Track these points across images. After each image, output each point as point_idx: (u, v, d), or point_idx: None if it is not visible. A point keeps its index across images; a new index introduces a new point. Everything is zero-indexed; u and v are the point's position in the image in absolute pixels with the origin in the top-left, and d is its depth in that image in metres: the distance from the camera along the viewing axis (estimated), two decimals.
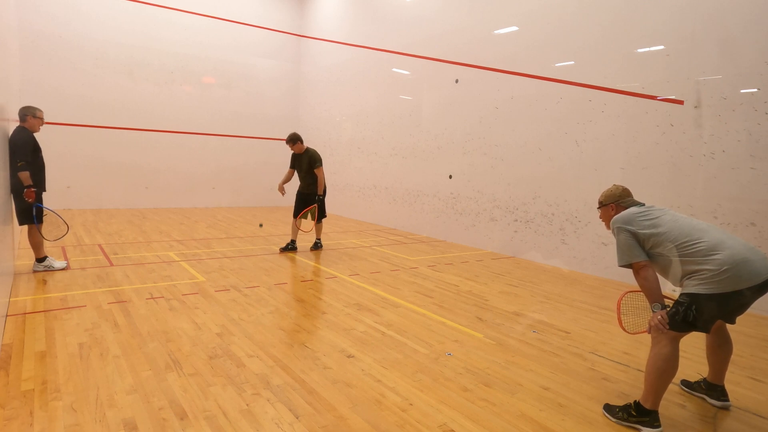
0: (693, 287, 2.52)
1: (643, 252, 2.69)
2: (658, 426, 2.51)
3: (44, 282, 4.85)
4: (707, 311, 2.48)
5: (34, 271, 5.20)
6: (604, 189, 3.33)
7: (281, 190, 7.15)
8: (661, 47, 5.54)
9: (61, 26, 10.43)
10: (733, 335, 4.06)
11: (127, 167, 11.46)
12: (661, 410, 2.72)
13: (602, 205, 3.14)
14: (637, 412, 2.54)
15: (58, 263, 5.36)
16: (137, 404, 2.54)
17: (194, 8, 12.02)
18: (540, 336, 3.88)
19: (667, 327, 2.54)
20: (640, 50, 5.74)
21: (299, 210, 7.05)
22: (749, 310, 4.70)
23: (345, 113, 11.82)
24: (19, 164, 4.76)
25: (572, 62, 6.51)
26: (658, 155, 5.57)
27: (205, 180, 12.60)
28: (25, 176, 4.80)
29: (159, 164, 11.94)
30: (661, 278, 2.82)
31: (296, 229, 7.12)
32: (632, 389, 2.99)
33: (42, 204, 5.11)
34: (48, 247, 6.14)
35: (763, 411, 2.80)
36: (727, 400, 2.83)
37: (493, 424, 2.51)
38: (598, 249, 6.23)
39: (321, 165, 6.96)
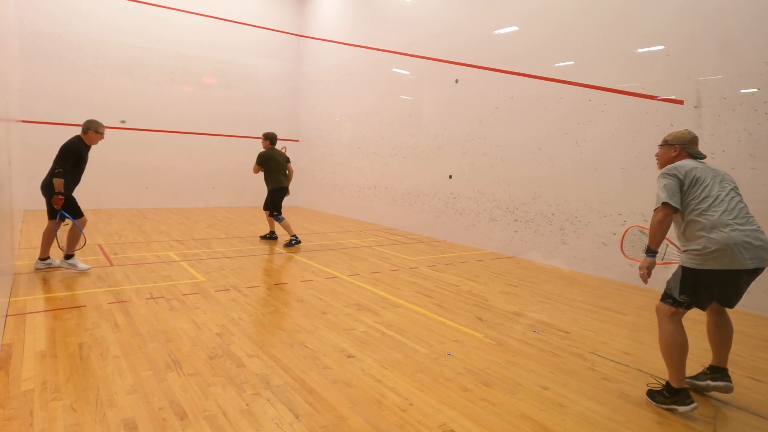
0: (687, 261, 2.71)
1: (679, 201, 2.75)
2: (691, 402, 2.62)
3: (44, 282, 4.85)
4: (699, 286, 2.66)
5: (36, 269, 5.28)
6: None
7: None
8: (661, 47, 5.54)
9: (61, 26, 10.44)
10: (733, 335, 4.07)
11: (127, 167, 11.46)
12: (660, 410, 2.73)
13: (667, 144, 3.04)
14: (669, 393, 2.66)
15: (57, 262, 5.37)
16: (137, 404, 2.54)
17: (194, 8, 12.02)
18: (540, 336, 3.88)
19: (646, 280, 2.77)
20: (640, 50, 5.74)
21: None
22: (750, 310, 4.69)
23: (345, 113, 11.82)
24: (57, 170, 4.92)
25: (572, 62, 6.51)
26: None
27: (205, 180, 12.60)
28: (58, 183, 4.91)
29: (159, 164, 11.94)
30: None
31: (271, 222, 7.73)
32: (632, 389, 2.99)
33: (66, 212, 5.14)
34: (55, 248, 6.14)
35: (763, 411, 2.79)
36: (730, 382, 2.85)
37: (493, 424, 2.51)
38: (598, 249, 6.23)
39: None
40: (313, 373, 3.01)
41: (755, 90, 4.80)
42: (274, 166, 7.47)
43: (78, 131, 5.59)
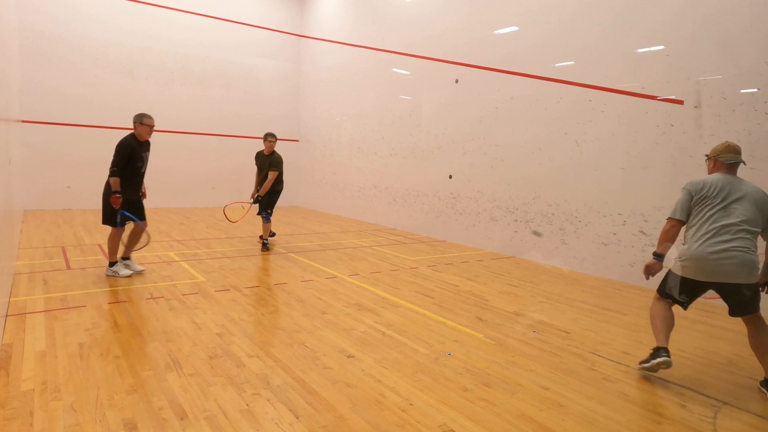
0: (672, 265, 3.24)
1: (685, 215, 3.19)
2: (666, 355, 3.05)
3: (44, 282, 4.85)
4: (675, 287, 3.20)
5: (107, 275, 5.17)
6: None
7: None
8: (661, 47, 5.54)
9: (61, 26, 10.44)
10: (733, 335, 4.08)
11: None
12: (660, 410, 2.74)
13: (707, 157, 3.38)
14: (653, 351, 3.15)
15: (125, 271, 5.22)
16: (137, 404, 2.54)
17: (194, 8, 12.02)
18: (540, 336, 3.88)
19: (647, 277, 3.29)
20: (640, 50, 5.74)
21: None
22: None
23: (345, 113, 11.82)
24: (110, 170, 4.90)
25: (572, 62, 6.51)
26: (658, 155, 5.57)
27: (205, 180, 12.60)
28: (114, 182, 4.87)
29: (159, 164, 11.87)
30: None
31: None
32: (632, 389, 2.99)
33: (127, 212, 5.11)
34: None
35: (763, 411, 2.79)
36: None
37: (493, 424, 2.51)
38: (598, 249, 6.23)
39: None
40: (313, 373, 3.01)
41: (755, 90, 4.80)
42: (282, 168, 7.39)
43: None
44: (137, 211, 5.23)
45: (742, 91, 4.89)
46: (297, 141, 14.02)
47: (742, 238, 2.93)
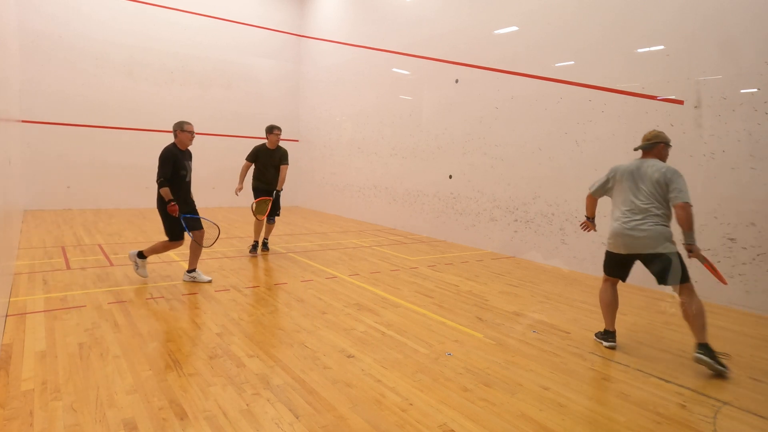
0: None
1: (600, 192, 3.97)
2: (612, 341, 3.71)
3: (44, 282, 4.85)
4: (608, 263, 3.83)
5: (184, 281, 5.12)
6: None
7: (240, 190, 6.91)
8: (661, 47, 5.54)
9: (61, 26, 10.44)
10: (732, 335, 4.09)
11: (127, 167, 11.46)
12: (660, 410, 2.74)
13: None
14: (604, 333, 3.78)
15: (204, 276, 5.18)
16: (137, 404, 2.54)
17: (194, 8, 12.02)
18: (540, 336, 3.88)
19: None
20: (640, 50, 5.74)
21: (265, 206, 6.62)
22: (750, 310, 4.69)
23: (345, 113, 11.82)
24: (157, 181, 4.78)
25: (572, 62, 6.51)
26: None
27: (205, 180, 12.58)
28: (165, 192, 4.76)
29: None
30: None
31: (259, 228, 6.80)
32: (632, 389, 2.99)
33: (187, 214, 5.06)
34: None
35: (763, 411, 2.79)
36: (723, 367, 3.26)
37: (493, 424, 2.51)
38: (598, 249, 6.22)
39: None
40: (313, 373, 3.01)
41: (755, 90, 4.80)
42: None
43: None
44: (191, 222, 5.10)
45: (742, 91, 4.89)
46: (297, 141, 14.02)
47: (652, 214, 3.49)
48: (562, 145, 6.63)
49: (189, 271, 5.15)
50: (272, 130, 6.72)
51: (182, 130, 5.01)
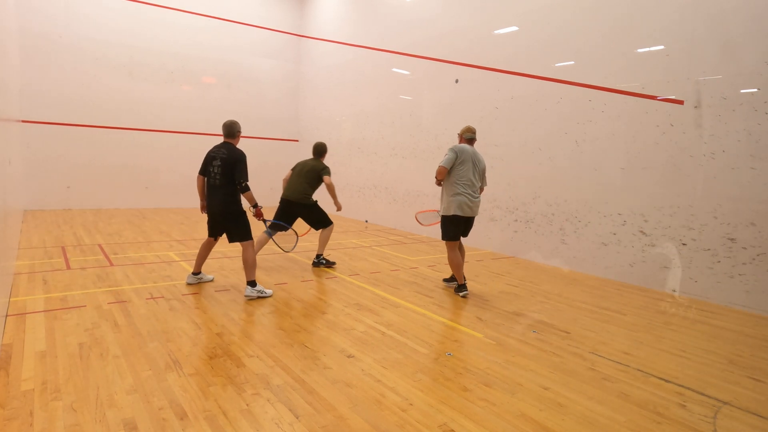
0: (442, 211, 5.00)
1: (451, 166, 4.86)
2: (466, 290, 4.98)
3: (44, 282, 4.85)
4: (451, 227, 4.94)
5: (247, 296, 4.59)
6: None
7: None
8: (661, 47, 5.54)
9: (60, 27, 10.43)
10: (732, 335, 4.10)
11: (127, 167, 11.46)
12: (660, 410, 2.74)
13: (459, 135, 5.19)
14: (460, 287, 5.00)
15: (268, 290, 4.78)
16: (137, 404, 2.54)
17: (194, 8, 12.02)
18: (540, 336, 3.88)
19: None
20: (640, 50, 5.74)
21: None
22: (750, 310, 4.73)
23: (345, 113, 11.82)
24: (243, 184, 4.57)
25: (572, 62, 6.51)
26: (658, 155, 5.57)
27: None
28: (250, 196, 4.62)
29: (159, 164, 11.94)
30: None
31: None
32: (632, 389, 2.99)
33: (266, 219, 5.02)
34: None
35: (763, 411, 2.80)
36: (466, 290, 5.01)
37: (493, 424, 2.51)
38: (598, 249, 6.23)
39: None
40: (313, 373, 3.01)
41: (755, 90, 4.80)
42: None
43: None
44: (276, 227, 5.39)
45: (742, 91, 4.89)
46: (297, 141, 14.02)
47: (477, 189, 4.95)
48: (562, 145, 6.63)
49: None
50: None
51: (240, 132, 4.88)
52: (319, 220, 6.07)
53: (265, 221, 4.99)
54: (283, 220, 5.87)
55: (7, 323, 3.65)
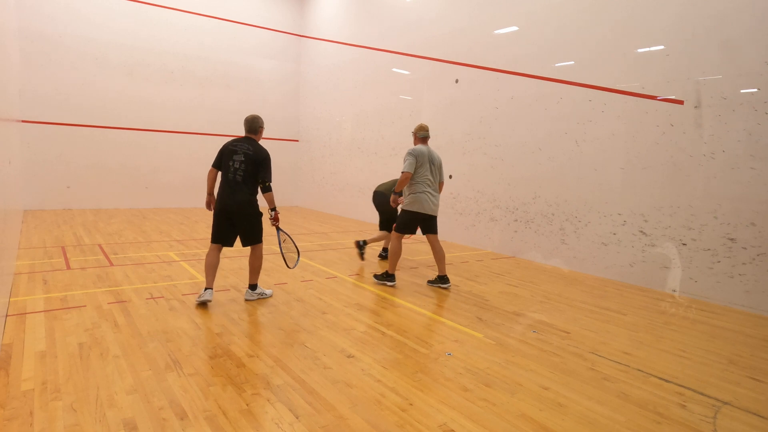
0: (406, 205, 5.21)
1: (413, 169, 5.07)
2: (393, 280, 5.30)
3: (44, 282, 4.85)
4: (412, 222, 5.22)
5: (247, 299, 4.51)
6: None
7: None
8: (661, 47, 5.54)
9: (61, 27, 10.43)
10: (732, 335, 4.10)
11: (127, 167, 11.47)
12: (660, 410, 2.74)
13: (413, 134, 5.34)
14: (387, 275, 5.28)
15: (270, 291, 4.75)
16: (137, 404, 2.54)
17: (194, 8, 12.02)
18: (540, 336, 3.88)
19: (393, 206, 5.60)
20: (640, 50, 5.74)
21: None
22: (750, 310, 4.72)
23: (345, 113, 11.82)
24: (267, 184, 4.31)
25: (572, 62, 6.51)
26: (658, 155, 5.57)
27: (205, 180, 12.59)
28: (272, 197, 4.36)
29: (159, 164, 11.94)
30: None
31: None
32: (632, 389, 2.99)
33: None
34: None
35: (763, 411, 2.80)
36: (449, 283, 5.29)
37: (493, 424, 2.51)
38: (598, 249, 6.23)
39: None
40: (313, 373, 3.01)
41: (755, 90, 4.80)
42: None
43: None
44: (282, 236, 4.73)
45: (742, 91, 4.90)
46: (297, 141, 14.03)
47: (436, 187, 5.22)
48: (562, 145, 6.63)
49: (253, 287, 4.58)
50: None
51: (263, 126, 4.61)
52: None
53: (278, 229, 4.58)
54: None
55: (7, 323, 3.65)
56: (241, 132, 4.79)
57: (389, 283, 5.25)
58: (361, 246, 6.39)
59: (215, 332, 3.66)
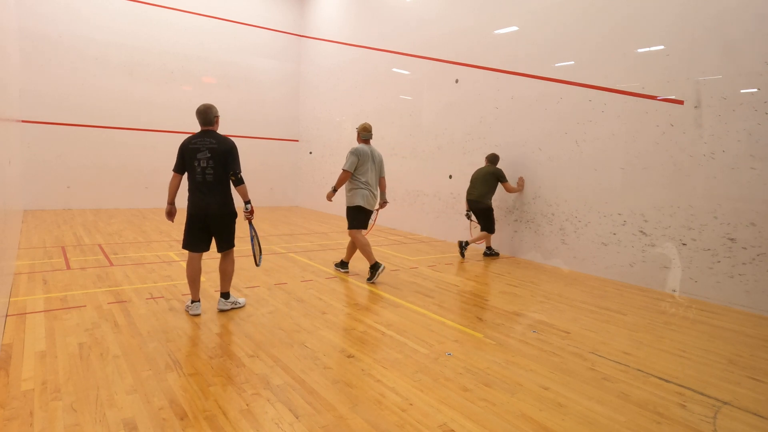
0: (347, 202, 5.63)
1: (354, 168, 5.47)
2: (347, 269, 5.88)
3: (44, 282, 4.85)
4: (359, 216, 5.54)
5: (220, 309, 4.18)
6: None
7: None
8: (661, 47, 5.54)
9: (61, 27, 10.44)
10: (732, 335, 4.11)
11: (127, 167, 11.47)
12: (660, 410, 2.74)
13: (357, 132, 5.72)
14: (342, 264, 5.88)
15: (243, 299, 4.44)
16: (137, 404, 2.54)
17: (194, 8, 12.03)
18: (540, 336, 3.88)
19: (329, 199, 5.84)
20: (640, 50, 5.74)
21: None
22: (750, 310, 4.72)
23: (345, 113, 11.82)
24: (239, 176, 3.96)
25: (572, 62, 6.51)
26: (658, 155, 5.57)
27: None
28: (245, 190, 4.01)
29: (159, 164, 11.93)
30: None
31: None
32: (632, 389, 2.99)
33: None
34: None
35: (763, 411, 2.80)
36: (346, 269, 5.91)
37: (493, 424, 2.51)
38: (598, 249, 6.23)
39: None
40: (313, 373, 3.01)
41: (755, 90, 4.80)
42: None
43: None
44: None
45: (742, 91, 4.89)
46: (297, 141, 14.03)
47: (374, 186, 5.62)
48: (562, 145, 6.63)
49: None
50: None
51: (218, 115, 4.16)
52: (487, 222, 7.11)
53: (251, 224, 4.30)
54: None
55: (7, 323, 3.65)
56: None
57: (343, 270, 5.84)
58: (462, 246, 7.04)
59: (215, 332, 3.66)
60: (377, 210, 5.82)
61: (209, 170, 3.93)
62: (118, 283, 4.93)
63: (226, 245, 4.15)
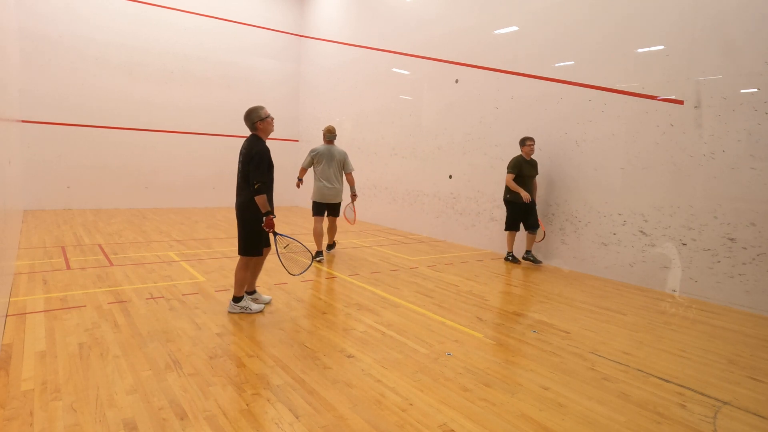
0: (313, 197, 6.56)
1: (309, 165, 6.56)
2: (321, 256, 6.46)
3: (44, 282, 4.85)
4: (317, 208, 6.58)
5: (229, 312, 4.13)
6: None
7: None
8: (661, 47, 5.54)
9: (61, 27, 10.44)
10: (732, 335, 4.11)
11: (127, 167, 11.47)
12: (660, 410, 2.74)
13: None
14: (317, 254, 6.42)
15: (256, 306, 4.22)
16: (137, 404, 2.54)
17: (194, 9, 12.03)
18: (540, 336, 3.88)
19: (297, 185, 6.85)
20: (640, 50, 5.74)
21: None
22: (750, 310, 4.72)
23: (345, 113, 11.82)
24: (255, 186, 3.87)
25: (572, 62, 6.51)
26: (658, 155, 5.57)
27: (205, 180, 12.60)
28: (262, 201, 3.89)
29: (159, 164, 11.94)
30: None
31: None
32: (632, 389, 2.99)
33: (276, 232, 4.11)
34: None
35: (763, 411, 2.80)
36: (321, 257, 6.46)
37: (493, 424, 2.51)
38: (598, 249, 6.23)
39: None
40: (313, 373, 3.01)
41: (755, 90, 4.80)
42: None
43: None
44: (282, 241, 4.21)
45: (742, 91, 4.89)
46: (297, 141, 14.03)
47: (335, 179, 6.49)
48: (562, 145, 6.63)
49: (250, 293, 4.29)
50: (525, 142, 6.52)
51: (262, 118, 4.13)
52: None
53: (275, 234, 4.09)
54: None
55: (7, 323, 3.65)
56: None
57: (317, 259, 6.36)
58: (530, 257, 6.70)
59: (215, 332, 3.66)
60: (352, 204, 6.82)
61: (239, 174, 4.15)
62: (118, 283, 4.93)
63: (239, 249, 4.17)
